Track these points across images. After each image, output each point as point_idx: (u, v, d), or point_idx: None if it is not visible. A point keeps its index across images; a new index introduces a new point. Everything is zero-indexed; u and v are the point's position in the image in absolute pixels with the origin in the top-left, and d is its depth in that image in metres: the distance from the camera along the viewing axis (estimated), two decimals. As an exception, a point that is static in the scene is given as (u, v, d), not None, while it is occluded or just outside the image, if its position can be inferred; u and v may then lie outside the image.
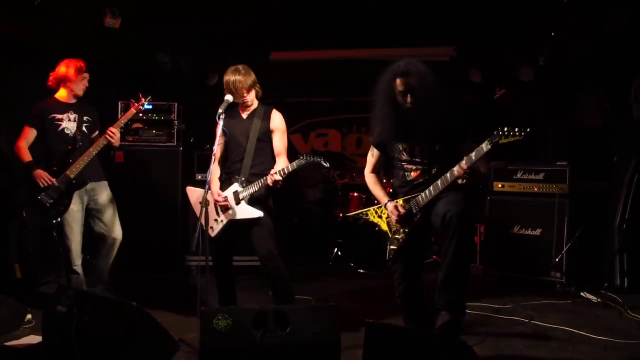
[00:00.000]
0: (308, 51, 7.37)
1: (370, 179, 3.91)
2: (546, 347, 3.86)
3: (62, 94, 4.61)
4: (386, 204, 3.71)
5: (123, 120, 4.66)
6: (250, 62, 4.21)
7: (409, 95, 3.40)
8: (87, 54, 5.02)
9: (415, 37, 6.77)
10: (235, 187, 4.08)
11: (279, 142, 4.18)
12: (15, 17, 5.01)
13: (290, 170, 3.86)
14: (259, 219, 4.01)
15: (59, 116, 4.54)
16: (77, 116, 4.60)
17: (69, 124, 4.57)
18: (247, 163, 4.10)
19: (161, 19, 6.06)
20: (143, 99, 4.69)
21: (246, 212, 4.03)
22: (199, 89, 7.07)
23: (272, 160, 4.17)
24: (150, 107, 5.83)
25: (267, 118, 4.16)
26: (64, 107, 4.59)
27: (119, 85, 4.91)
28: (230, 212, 4.09)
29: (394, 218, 3.60)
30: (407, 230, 3.60)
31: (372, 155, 3.89)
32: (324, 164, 3.87)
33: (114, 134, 4.51)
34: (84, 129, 4.63)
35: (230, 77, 4.06)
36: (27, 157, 4.48)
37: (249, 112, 4.21)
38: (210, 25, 6.23)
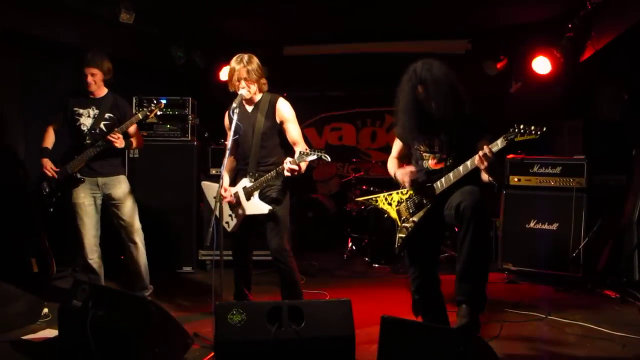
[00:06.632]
0: (321, 45, 7.33)
1: (391, 162, 3.91)
2: (563, 342, 3.83)
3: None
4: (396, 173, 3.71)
5: (128, 123, 4.44)
6: (264, 56, 4.14)
7: (428, 99, 3.43)
8: (101, 49, 5.00)
9: (429, 30, 6.72)
10: (245, 182, 4.05)
11: (292, 131, 4.04)
12: (28, 11, 5.01)
13: (306, 159, 3.73)
14: (274, 213, 3.98)
15: (80, 110, 4.44)
16: (98, 112, 4.46)
17: (86, 120, 4.43)
18: (254, 158, 4.03)
19: (175, 13, 6.06)
20: (155, 108, 4.54)
21: (256, 207, 3.99)
22: (212, 83, 7.06)
23: (280, 153, 4.06)
24: (165, 101, 5.83)
25: (271, 111, 4.03)
26: (87, 102, 4.47)
27: (132, 80, 4.84)
28: (241, 207, 4.08)
29: (407, 178, 3.57)
30: (415, 220, 3.59)
31: (396, 144, 3.91)
32: (325, 158, 3.73)
33: (117, 137, 4.32)
34: (102, 126, 4.44)
35: (231, 65, 3.98)
36: (45, 142, 4.48)
37: (252, 105, 4.10)
38: (224, 19, 6.23)
